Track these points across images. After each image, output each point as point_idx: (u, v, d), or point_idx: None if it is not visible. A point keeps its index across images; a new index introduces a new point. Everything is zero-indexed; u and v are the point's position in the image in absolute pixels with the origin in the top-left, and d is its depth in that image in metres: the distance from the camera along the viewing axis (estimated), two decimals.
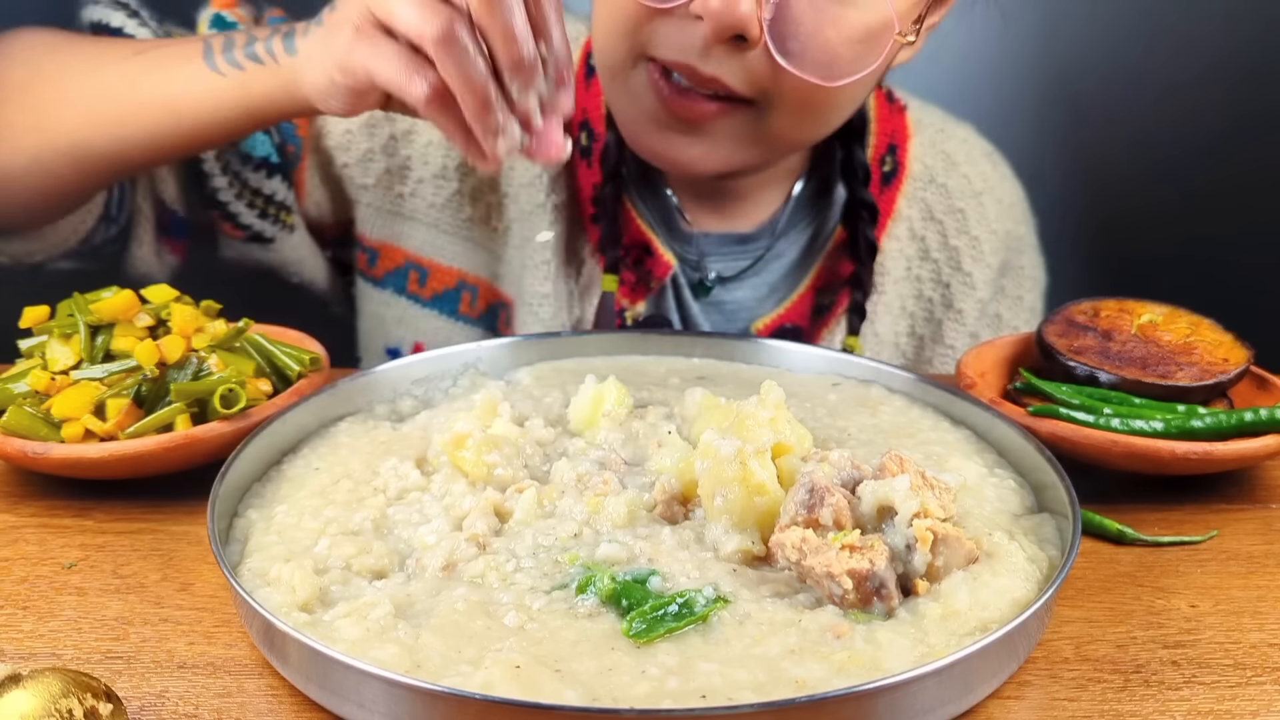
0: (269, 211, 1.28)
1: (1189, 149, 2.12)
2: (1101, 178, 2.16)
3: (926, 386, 1.00)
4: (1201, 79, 2.04)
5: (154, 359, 0.93)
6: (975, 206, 1.34)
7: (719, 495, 0.77)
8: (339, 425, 0.95)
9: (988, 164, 1.39)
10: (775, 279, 1.31)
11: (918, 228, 1.34)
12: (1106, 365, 0.98)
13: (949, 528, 0.74)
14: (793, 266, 1.31)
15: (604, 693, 0.64)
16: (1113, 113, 2.10)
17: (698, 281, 1.30)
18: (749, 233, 1.30)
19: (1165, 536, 0.89)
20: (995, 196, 1.37)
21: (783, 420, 0.81)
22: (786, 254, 1.31)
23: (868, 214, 1.26)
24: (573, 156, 1.24)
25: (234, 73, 0.99)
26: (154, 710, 0.69)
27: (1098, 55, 2.08)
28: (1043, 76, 2.13)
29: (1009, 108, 2.12)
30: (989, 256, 1.34)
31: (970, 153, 1.38)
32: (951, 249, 1.33)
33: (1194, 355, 0.99)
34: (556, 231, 1.25)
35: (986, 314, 1.37)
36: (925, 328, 1.35)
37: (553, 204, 1.26)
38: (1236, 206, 2.12)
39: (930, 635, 0.69)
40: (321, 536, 0.79)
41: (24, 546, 0.86)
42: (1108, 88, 2.10)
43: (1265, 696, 0.71)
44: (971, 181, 1.35)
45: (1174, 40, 2.04)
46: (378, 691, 0.64)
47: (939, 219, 1.33)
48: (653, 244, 1.27)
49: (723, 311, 1.31)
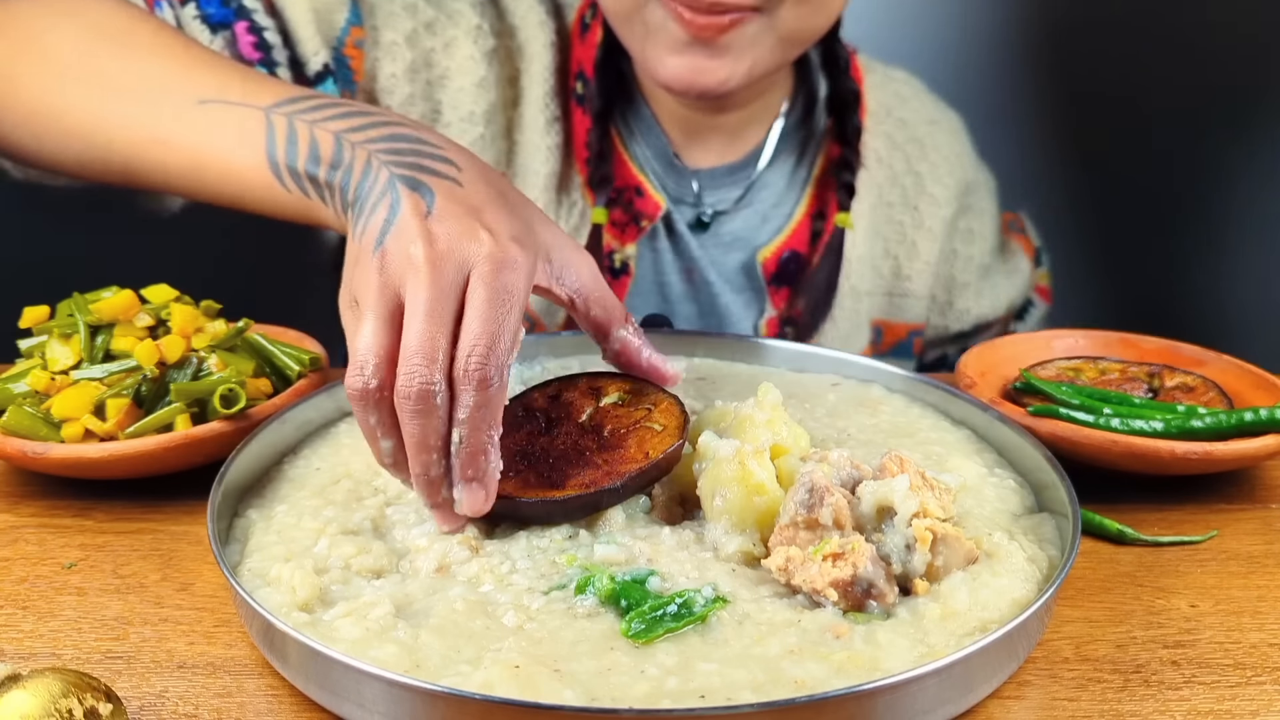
0: None
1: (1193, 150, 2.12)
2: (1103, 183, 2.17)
3: (926, 386, 1.00)
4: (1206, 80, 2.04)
5: (154, 359, 0.93)
6: (930, 134, 1.45)
7: (718, 495, 0.77)
8: (339, 425, 0.95)
9: (929, 99, 1.49)
10: (766, 207, 1.37)
11: (884, 155, 1.41)
12: None
13: (949, 528, 0.74)
14: (782, 193, 1.37)
15: (603, 693, 0.64)
16: (1114, 116, 2.11)
17: (695, 219, 1.35)
18: (737, 162, 1.36)
19: (1165, 536, 0.89)
20: (943, 126, 1.47)
21: (780, 421, 0.82)
22: (775, 182, 1.37)
23: (852, 98, 1.35)
24: (569, 102, 1.32)
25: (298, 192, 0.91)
26: (154, 710, 0.69)
27: (1098, 54, 2.08)
28: (1041, 77, 2.14)
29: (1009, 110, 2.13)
30: (947, 177, 1.44)
31: (915, 89, 1.49)
32: (916, 174, 1.42)
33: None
34: (549, 170, 1.31)
35: (958, 229, 1.45)
36: (899, 248, 1.42)
37: (549, 144, 1.31)
38: (1239, 207, 2.12)
39: (930, 635, 0.69)
40: (321, 536, 0.79)
41: (24, 546, 0.86)
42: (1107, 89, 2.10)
43: (1265, 696, 0.71)
44: (922, 111, 1.46)
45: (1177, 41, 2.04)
46: (377, 691, 0.64)
47: (901, 147, 1.42)
48: (643, 185, 1.33)
49: (720, 244, 1.36)
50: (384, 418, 0.75)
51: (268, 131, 0.91)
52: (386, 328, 0.75)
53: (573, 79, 1.33)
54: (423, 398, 0.72)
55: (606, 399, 0.85)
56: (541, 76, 1.31)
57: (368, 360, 0.74)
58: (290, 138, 0.90)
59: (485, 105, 1.29)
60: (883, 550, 0.73)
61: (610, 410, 0.85)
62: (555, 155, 1.32)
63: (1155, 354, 1.10)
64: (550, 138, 1.32)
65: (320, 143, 0.87)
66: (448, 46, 1.28)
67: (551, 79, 1.32)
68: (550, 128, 1.32)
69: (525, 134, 1.32)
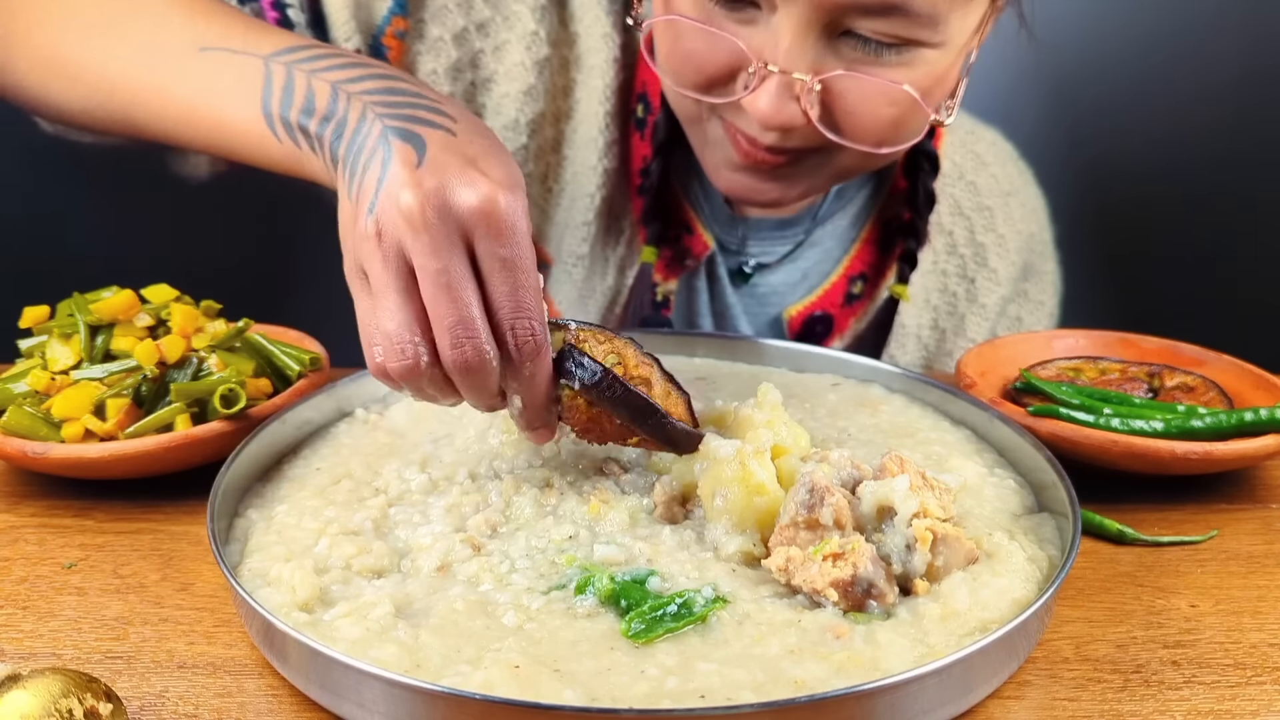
0: None
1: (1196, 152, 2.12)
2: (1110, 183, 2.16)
3: (926, 386, 1.00)
4: (1209, 83, 2.04)
5: (154, 359, 0.93)
6: (1002, 205, 1.36)
7: (718, 496, 0.77)
8: (339, 425, 0.95)
9: (1014, 167, 1.40)
10: (809, 264, 1.31)
11: (946, 222, 1.34)
12: None
13: (949, 528, 0.74)
14: (829, 251, 1.32)
15: (603, 693, 0.64)
16: (1114, 116, 2.11)
17: (736, 268, 1.30)
18: (790, 217, 1.30)
19: (1165, 536, 0.89)
20: (1020, 199, 1.39)
21: (779, 422, 0.82)
22: (824, 241, 1.32)
23: (928, 164, 1.27)
24: (628, 125, 1.26)
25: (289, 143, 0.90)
26: (154, 710, 0.69)
27: (1103, 60, 2.08)
28: (1051, 80, 2.14)
29: (1020, 111, 2.13)
30: (1013, 255, 1.36)
31: (999, 154, 1.39)
32: (978, 245, 1.35)
33: None
34: (603, 196, 1.26)
35: (1007, 314, 1.38)
36: (948, 321, 1.36)
37: (604, 168, 1.26)
38: (1243, 209, 2.12)
39: (930, 635, 0.69)
40: (322, 536, 0.79)
41: (24, 546, 0.86)
42: (1114, 93, 2.10)
43: (1265, 696, 0.71)
44: (999, 181, 1.37)
45: (1178, 42, 2.04)
46: (377, 691, 0.64)
47: (967, 215, 1.35)
48: (694, 223, 1.28)
49: (755, 296, 1.32)
50: (438, 384, 0.76)
51: (265, 80, 0.90)
52: (407, 299, 0.74)
53: (634, 99, 1.26)
54: (478, 366, 0.74)
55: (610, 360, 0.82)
56: (602, 95, 1.25)
57: (405, 339, 0.74)
58: (287, 87, 0.88)
59: (531, 114, 1.25)
60: (883, 550, 0.73)
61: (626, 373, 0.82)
62: (610, 180, 1.27)
63: (1155, 354, 1.10)
64: (607, 161, 1.27)
65: (316, 93, 0.86)
66: (498, 50, 1.24)
67: (613, 99, 1.25)
68: (608, 151, 1.26)
69: (577, 151, 1.27)
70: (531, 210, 1.27)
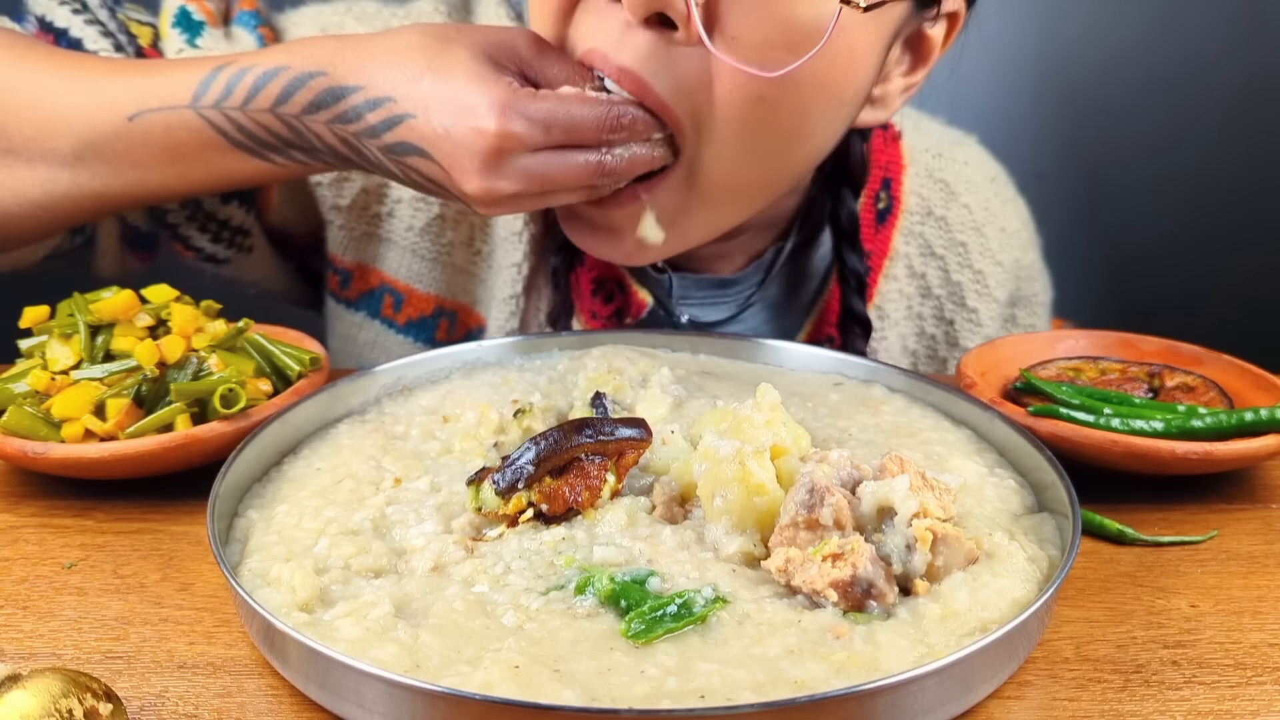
0: (223, 236, 1.20)
1: (1193, 151, 2.13)
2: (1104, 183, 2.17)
3: (927, 386, 1.00)
4: (1205, 81, 2.05)
5: (154, 359, 0.93)
6: (977, 239, 1.27)
7: (718, 496, 0.77)
8: (339, 425, 0.95)
9: (990, 190, 1.30)
10: (759, 324, 1.25)
11: (917, 265, 1.27)
12: None
13: (949, 528, 0.74)
14: (779, 314, 1.25)
15: (603, 693, 0.64)
16: (1114, 117, 2.11)
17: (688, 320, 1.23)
18: (730, 277, 1.22)
19: (1165, 536, 0.89)
20: (998, 225, 1.30)
21: (779, 422, 0.81)
22: (772, 303, 1.25)
23: (855, 284, 1.18)
24: None
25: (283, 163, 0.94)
26: (154, 710, 0.69)
27: (1098, 56, 2.08)
28: (1042, 78, 2.14)
29: (1009, 111, 2.13)
30: (995, 290, 1.28)
31: (971, 179, 1.29)
32: (954, 284, 1.27)
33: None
34: (528, 264, 1.19)
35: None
36: (928, 365, 1.31)
37: (529, 233, 1.20)
38: (1244, 209, 2.13)
39: (930, 635, 0.69)
40: (321, 536, 0.79)
41: (24, 546, 0.86)
42: (1108, 90, 2.10)
43: (1265, 696, 0.71)
44: (973, 212, 1.27)
45: (1176, 42, 2.04)
46: (377, 691, 0.64)
47: (939, 254, 1.26)
48: (625, 280, 1.21)
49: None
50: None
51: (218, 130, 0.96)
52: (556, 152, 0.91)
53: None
54: (629, 122, 0.91)
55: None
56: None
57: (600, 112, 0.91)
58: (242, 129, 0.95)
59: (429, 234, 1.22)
60: (883, 550, 0.73)
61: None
62: (534, 249, 1.19)
63: (1155, 354, 1.10)
64: (530, 226, 1.19)
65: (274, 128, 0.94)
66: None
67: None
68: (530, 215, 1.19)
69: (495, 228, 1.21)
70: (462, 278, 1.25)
